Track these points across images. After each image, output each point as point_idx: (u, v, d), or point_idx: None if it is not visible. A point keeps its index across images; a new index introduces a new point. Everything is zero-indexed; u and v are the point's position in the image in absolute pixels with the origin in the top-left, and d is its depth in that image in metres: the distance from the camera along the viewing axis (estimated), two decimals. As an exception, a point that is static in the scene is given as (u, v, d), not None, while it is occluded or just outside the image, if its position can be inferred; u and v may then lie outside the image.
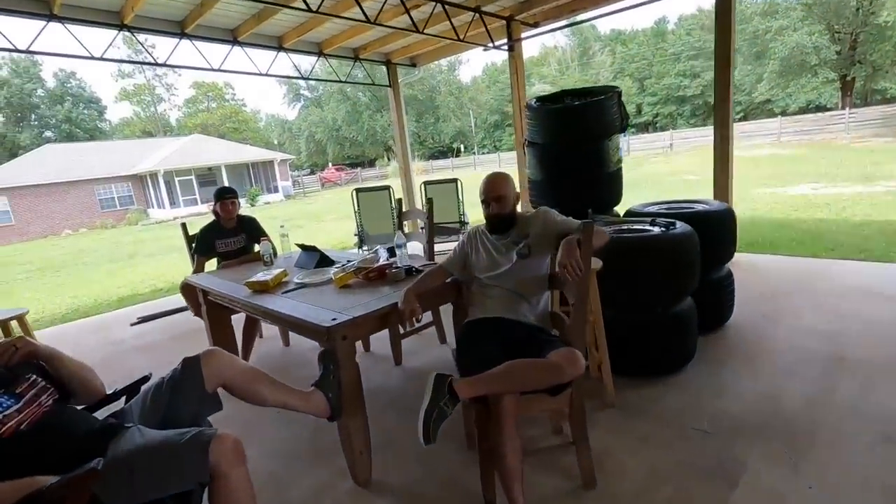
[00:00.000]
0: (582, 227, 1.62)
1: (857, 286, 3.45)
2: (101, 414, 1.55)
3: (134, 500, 1.17)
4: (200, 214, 18.60)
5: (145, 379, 1.66)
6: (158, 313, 4.76)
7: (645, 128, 33.49)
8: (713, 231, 2.72)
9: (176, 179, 22.40)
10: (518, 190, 1.98)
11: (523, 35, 5.71)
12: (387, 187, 5.65)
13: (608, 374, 2.24)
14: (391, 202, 5.60)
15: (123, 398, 1.63)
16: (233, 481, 1.26)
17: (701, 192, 9.64)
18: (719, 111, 4.12)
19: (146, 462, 1.20)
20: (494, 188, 1.91)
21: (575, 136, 2.96)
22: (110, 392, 1.60)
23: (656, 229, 2.52)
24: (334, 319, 1.76)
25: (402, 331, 1.88)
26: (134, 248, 12.82)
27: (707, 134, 22.32)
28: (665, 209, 3.09)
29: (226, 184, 22.64)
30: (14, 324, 3.25)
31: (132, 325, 4.62)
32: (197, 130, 32.72)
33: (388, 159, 36.12)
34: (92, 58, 4.48)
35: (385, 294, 2.05)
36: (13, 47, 4.06)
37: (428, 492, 1.85)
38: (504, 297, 1.89)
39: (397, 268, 2.26)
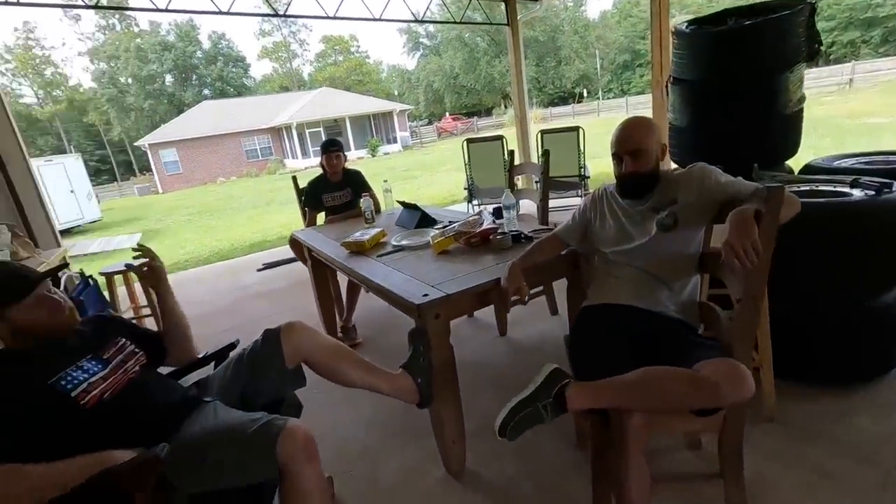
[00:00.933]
0: (765, 194, 1.13)
1: None
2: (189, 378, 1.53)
3: (202, 486, 1.08)
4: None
5: (232, 346, 1.59)
6: (281, 261, 5.04)
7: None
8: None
9: (307, 131, 24.00)
10: (663, 140, 1.49)
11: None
12: (499, 137, 5.24)
13: (769, 379, 1.74)
14: (503, 154, 5.20)
15: (213, 363, 1.57)
16: (302, 481, 1.11)
17: (889, 141, 7.61)
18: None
19: (213, 451, 1.10)
20: (631, 138, 1.44)
21: (742, 67, 2.26)
22: (200, 356, 1.55)
23: (858, 192, 1.85)
24: (426, 296, 1.52)
25: (504, 310, 1.56)
26: (271, 195, 14.06)
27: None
28: (865, 164, 2.32)
29: (349, 135, 23.86)
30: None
31: (258, 270, 4.96)
32: (325, 84, 34.53)
33: (505, 107, 34.92)
34: (219, 12, 4.62)
35: (487, 265, 1.76)
36: (154, 7, 4.32)
37: (527, 495, 1.59)
38: (636, 279, 1.48)
39: (503, 234, 1.94)
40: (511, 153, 3.07)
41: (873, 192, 1.79)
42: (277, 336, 1.42)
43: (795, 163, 2.64)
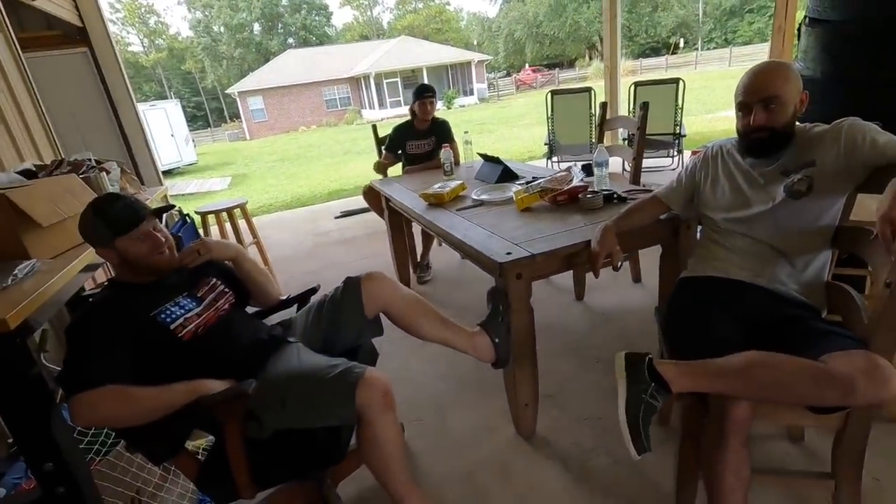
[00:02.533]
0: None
1: None
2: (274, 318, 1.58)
3: (284, 424, 1.13)
4: (403, 116, 19.82)
5: (313, 290, 1.62)
6: (357, 210, 5.14)
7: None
8: None
9: (384, 81, 24.00)
10: (802, 89, 1.24)
11: None
12: (587, 89, 4.88)
13: (898, 376, 1.51)
14: (591, 107, 4.86)
15: (296, 306, 1.61)
16: (378, 429, 1.12)
17: None
18: None
19: (295, 391, 1.14)
20: (766, 84, 1.20)
21: (907, 3, 1.86)
22: (284, 298, 1.59)
23: None
24: (509, 254, 1.44)
25: (594, 275, 1.45)
26: (348, 145, 14.36)
27: None
28: None
29: (426, 86, 23.54)
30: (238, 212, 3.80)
31: (336, 217, 5.11)
32: (405, 32, 34.02)
33: (590, 58, 32.69)
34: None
35: (575, 226, 1.63)
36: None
37: (602, 467, 1.53)
38: (752, 251, 1.30)
39: (594, 192, 1.79)
40: (603, 105, 2.82)
41: None
42: (358, 284, 1.42)
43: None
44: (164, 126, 13.03)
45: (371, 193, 3.24)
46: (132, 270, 1.27)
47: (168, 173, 12.16)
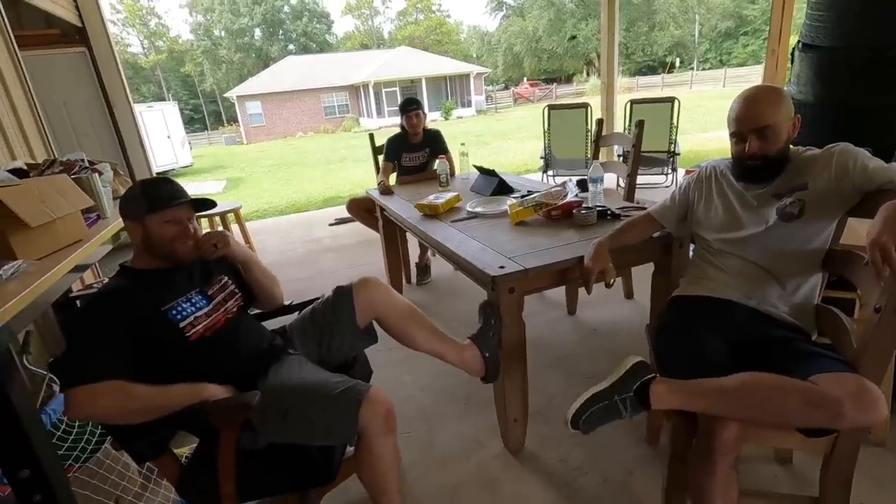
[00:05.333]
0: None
1: None
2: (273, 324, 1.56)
3: (283, 438, 1.12)
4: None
5: (317, 299, 1.60)
6: (351, 217, 5.12)
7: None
8: None
9: (383, 90, 24.12)
10: (794, 113, 1.26)
11: None
12: (584, 105, 4.92)
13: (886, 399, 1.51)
14: (587, 123, 4.90)
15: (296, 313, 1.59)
16: (377, 450, 1.11)
17: None
18: None
19: (296, 406, 1.12)
20: (757, 113, 1.21)
21: (895, 32, 1.91)
22: (286, 304, 1.57)
23: None
24: (502, 268, 1.44)
25: (587, 292, 1.45)
26: (346, 153, 14.38)
27: None
28: None
29: (424, 97, 23.69)
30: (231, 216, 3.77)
31: (330, 225, 5.09)
32: (405, 43, 34.33)
33: (587, 75, 33.13)
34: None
35: (569, 241, 1.64)
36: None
37: (589, 486, 1.52)
38: (744, 272, 1.31)
39: (588, 208, 1.80)
40: (599, 122, 2.85)
41: None
42: (350, 292, 1.41)
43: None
44: (160, 127, 13.00)
45: (356, 205, 3.25)
46: (150, 254, 1.25)
47: (163, 175, 12.10)
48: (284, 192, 8.45)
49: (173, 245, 1.23)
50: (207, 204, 1.34)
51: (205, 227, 3.28)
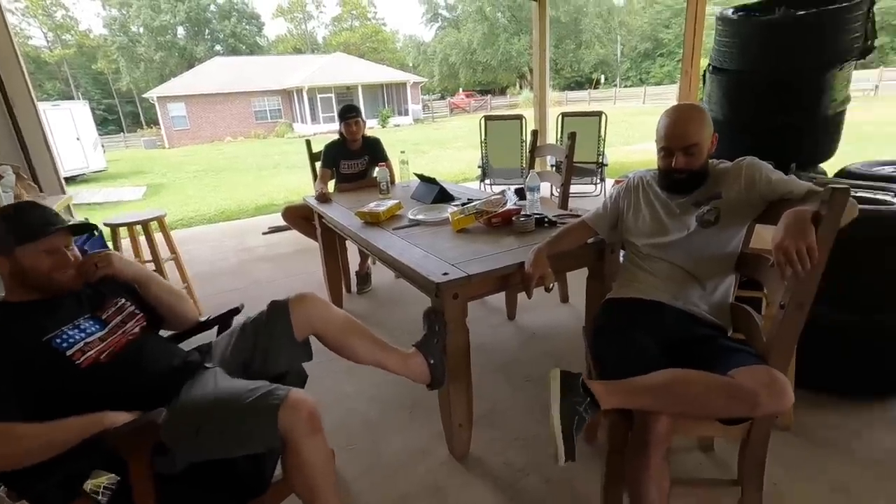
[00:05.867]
0: (827, 196, 1.04)
1: None
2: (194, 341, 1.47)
3: (200, 456, 1.04)
4: (336, 133, 19.55)
5: (236, 311, 1.53)
6: (286, 226, 4.95)
7: (842, 64, 26.96)
8: None
9: (318, 96, 23.61)
10: (713, 132, 1.38)
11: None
12: (519, 116, 5.10)
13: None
14: (522, 134, 5.08)
15: (216, 328, 1.51)
16: (305, 453, 1.06)
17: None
18: None
19: (211, 420, 1.05)
20: (686, 133, 1.32)
21: (792, 60, 2.15)
22: (202, 320, 1.48)
23: (903, 202, 1.77)
24: (446, 274, 1.45)
25: (527, 296, 1.49)
26: (279, 159, 13.90)
27: (935, 75, 17.26)
28: (907, 173, 2.22)
29: (361, 103, 23.48)
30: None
31: (263, 234, 4.89)
32: (340, 49, 33.85)
33: (520, 87, 34.35)
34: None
35: (509, 247, 1.68)
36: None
37: (533, 486, 1.56)
38: (669, 274, 1.41)
39: (526, 216, 1.86)
40: (534, 133, 2.97)
41: (921, 203, 1.70)
42: (286, 307, 1.35)
43: (828, 167, 2.54)
44: (68, 128, 11.87)
45: (292, 213, 3.16)
46: (23, 286, 1.14)
47: (72, 180, 11.07)
48: (212, 199, 8.02)
49: (51, 276, 1.14)
50: (86, 228, 1.25)
51: (124, 236, 3.02)
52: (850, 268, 1.65)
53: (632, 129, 13.32)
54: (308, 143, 3.39)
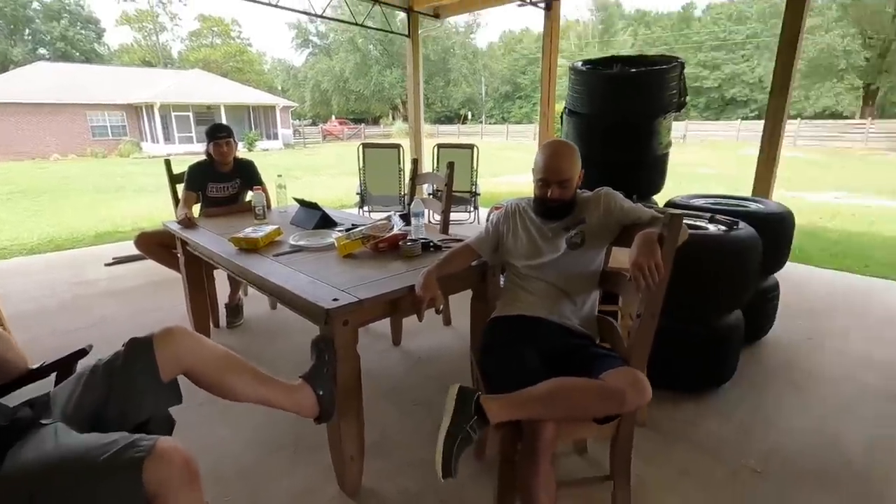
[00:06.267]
0: (668, 220, 1.25)
1: (902, 310, 3.15)
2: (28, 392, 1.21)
3: None
4: (194, 154, 17.89)
5: (82, 353, 1.30)
6: (135, 256, 4.37)
7: (659, 116, 32.57)
8: (771, 236, 2.36)
9: (172, 114, 21.48)
10: (581, 166, 1.57)
11: (562, -6, 5.18)
12: (397, 146, 5.22)
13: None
14: (399, 162, 5.20)
15: (54, 375, 1.27)
16: None
17: (714, 187, 9.23)
18: (775, 100, 3.69)
19: (51, 488, 0.87)
20: (562, 169, 1.49)
21: (629, 108, 2.56)
22: (36, 367, 1.23)
23: (714, 227, 2.18)
24: (336, 300, 1.41)
25: (418, 319, 1.51)
26: (123, 181, 12.24)
27: (720, 129, 21.85)
28: (713, 204, 2.74)
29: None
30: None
31: (107, 265, 4.25)
32: (198, 66, 31.34)
33: (393, 118, 35.23)
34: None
35: (397, 272, 1.70)
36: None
37: (427, 511, 1.55)
38: (546, 292, 1.54)
39: (413, 241, 1.90)
40: (415, 161, 3.06)
41: (725, 229, 2.12)
42: (149, 344, 1.18)
43: (658, 198, 3.02)
44: None
45: (148, 240, 2.83)
46: None
47: None
48: (34, 225, 6.74)
49: None
50: None
51: None
52: (679, 283, 1.98)
53: (498, 163, 14.42)
54: (168, 162, 3.06)
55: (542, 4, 5.19)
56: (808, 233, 5.63)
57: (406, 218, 2.19)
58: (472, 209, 5.35)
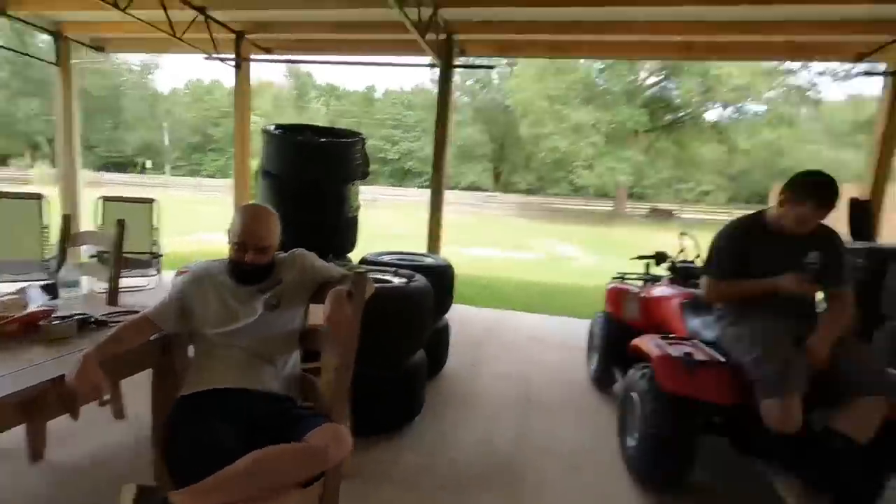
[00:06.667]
0: (355, 278, 1.39)
1: (531, 335, 4.29)
2: None
3: None
4: None
5: None
6: None
7: (352, 180, 35.87)
8: (440, 283, 2.90)
9: None
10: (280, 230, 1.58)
11: (253, 56, 5.25)
12: (38, 195, 4.07)
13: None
14: (41, 217, 4.06)
15: None
16: None
17: (403, 244, 10.73)
18: (436, 174, 4.64)
19: None
20: (261, 235, 1.47)
21: (320, 173, 2.75)
22: None
23: (397, 280, 2.52)
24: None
25: (73, 418, 1.20)
26: None
27: (409, 194, 25.80)
28: (398, 260, 3.18)
29: None
30: None
31: None
32: None
33: (32, 160, 27.48)
34: None
35: (37, 361, 1.31)
36: None
37: None
38: (241, 359, 1.46)
39: (63, 318, 1.50)
40: (66, 218, 2.46)
41: (406, 280, 2.48)
42: None
43: (353, 256, 3.31)
44: None
45: None
46: None
47: None
48: None
49: None
50: None
51: None
52: (370, 331, 2.19)
53: (189, 219, 12.90)
54: None
55: (232, 63, 5.11)
56: (466, 280, 7.11)
57: (52, 289, 1.72)
58: (153, 273, 4.58)
